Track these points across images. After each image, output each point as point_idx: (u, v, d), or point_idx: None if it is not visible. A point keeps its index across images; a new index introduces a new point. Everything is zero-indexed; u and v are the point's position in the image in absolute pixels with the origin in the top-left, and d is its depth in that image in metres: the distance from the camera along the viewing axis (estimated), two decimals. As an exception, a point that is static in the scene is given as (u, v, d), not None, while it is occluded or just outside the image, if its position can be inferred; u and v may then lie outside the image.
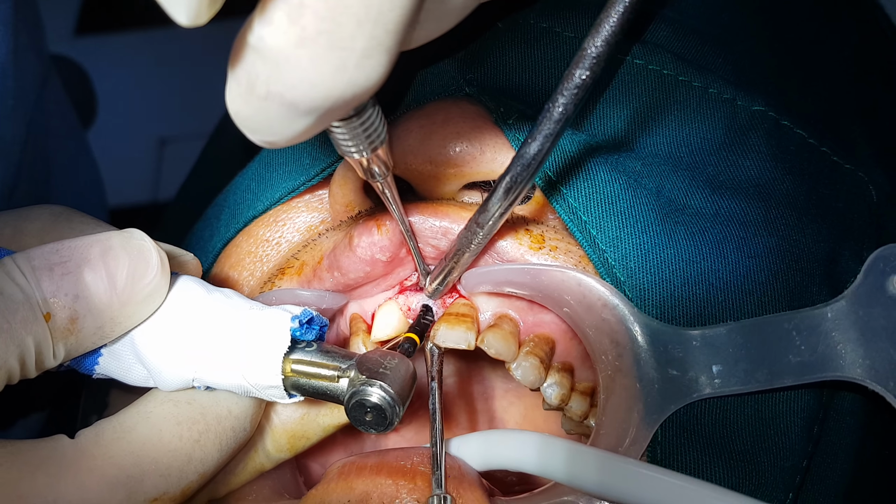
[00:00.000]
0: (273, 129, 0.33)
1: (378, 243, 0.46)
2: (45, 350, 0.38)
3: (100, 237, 0.40)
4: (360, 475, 0.44)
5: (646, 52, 0.50)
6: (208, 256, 0.56)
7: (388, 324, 0.49)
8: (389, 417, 0.40)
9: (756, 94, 0.50)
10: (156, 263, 0.40)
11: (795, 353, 0.42)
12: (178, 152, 1.95)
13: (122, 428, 0.40)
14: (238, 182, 0.57)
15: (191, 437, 0.40)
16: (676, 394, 0.43)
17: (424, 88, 0.51)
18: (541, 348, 0.48)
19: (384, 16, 0.29)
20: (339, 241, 0.48)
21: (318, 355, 0.41)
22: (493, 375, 0.61)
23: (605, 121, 0.49)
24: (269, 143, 0.34)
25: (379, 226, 0.46)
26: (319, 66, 0.29)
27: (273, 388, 0.41)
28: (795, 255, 0.46)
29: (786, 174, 0.49)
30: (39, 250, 0.39)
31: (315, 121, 0.32)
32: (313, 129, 0.33)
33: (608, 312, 0.44)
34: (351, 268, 0.47)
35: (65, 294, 0.38)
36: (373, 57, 0.30)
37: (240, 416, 0.43)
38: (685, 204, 0.46)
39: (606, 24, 0.35)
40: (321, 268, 0.49)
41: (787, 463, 0.44)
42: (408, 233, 0.45)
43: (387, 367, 0.41)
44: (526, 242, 0.47)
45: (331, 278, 0.48)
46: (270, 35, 0.29)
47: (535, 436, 0.44)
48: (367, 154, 0.38)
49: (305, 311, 0.42)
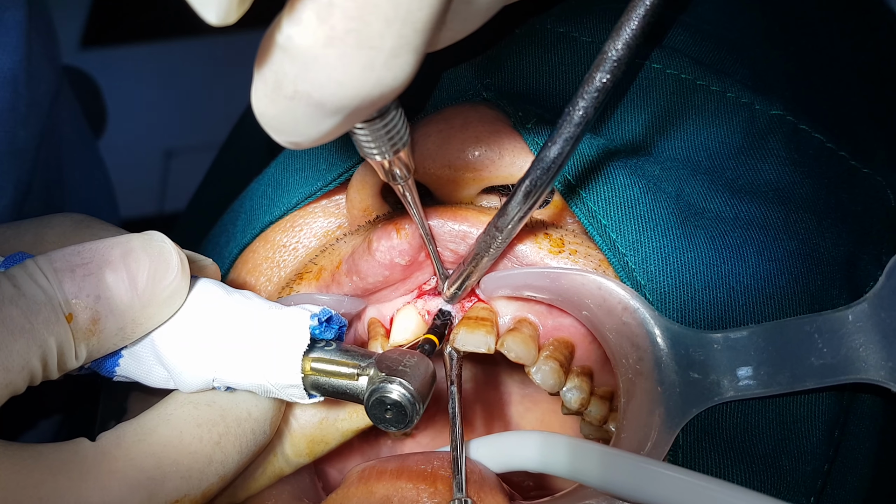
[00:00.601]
0: (299, 129, 0.33)
1: (397, 247, 0.46)
2: (68, 351, 0.38)
3: (120, 239, 0.40)
4: (380, 479, 0.44)
5: (663, 57, 0.51)
6: (225, 262, 0.56)
7: (407, 328, 0.49)
8: (410, 415, 0.40)
9: (773, 98, 0.50)
10: (176, 265, 0.40)
11: (818, 356, 0.42)
12: (184, 164, 1.96)
13: (142, 430, 0.40)
14: (254, 187, 0.57)
15: (211, 439, 0.40)
16: (698, 397, 0.43)
17: (442, 93, 0.51)
18: (560, 352, 0.48)
19: (413, 15, 0.29)
20: (357, 245, 0.48)
21: (337, 354, 0.41)
22: (509, 381, 0.61)
23: (624, 125, 0.49)
24: (293, 144, 0.34)
25: (398, 230, 0.46)
26: (348, 65, 0.29)
27: (293, 388, 0.41)
28: (815, 258, 0.46)
29: (804, 178, 0.49)
30: (61, 252, 0.39)
31: (341, 121, 0.32)
32: (339, 129, 0.33)
33: (629, 316, 0.44)
34: (370, 272, 0.47)
35: (86, 295, 0.38)
36: (401, 56, 0.30)
37: (259, 418, 0.43)
38: (704, 208, 0.46)
39: (627, 28, 0.35)
40: (339, 272, 0.49)
41: (809, 467, 0.44)
42: (427, 236, 0.45)
43: (406, 365, 0.41)
44: (545, 246, 0.47)
45: (349, 283, 0.48)
46: (299, 34, 0.29)
47: (559, 437, 0.44)
48: (389, 156, 0.38)
49: (324, 309, 0.42)
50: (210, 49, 2.16)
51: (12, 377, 0.36)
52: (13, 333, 0.36)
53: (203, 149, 1.95)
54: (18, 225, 0.45)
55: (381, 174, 0.41)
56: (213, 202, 0.69)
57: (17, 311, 0.36)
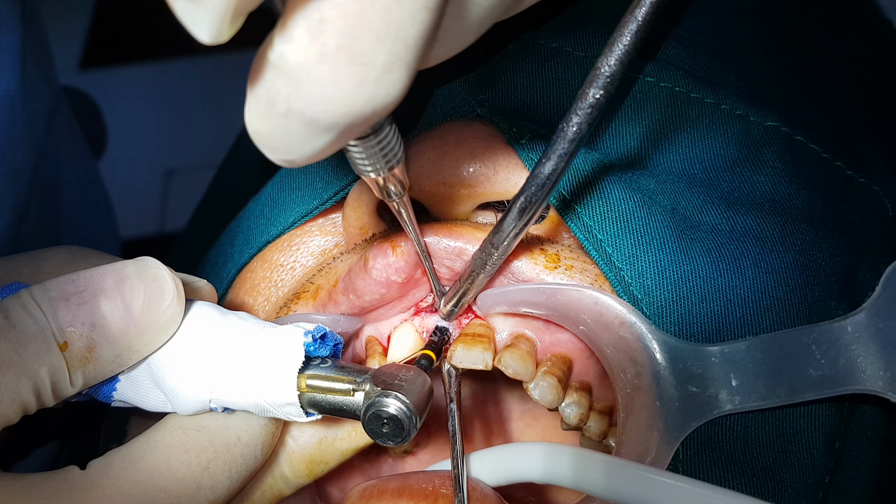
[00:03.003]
0: (293, 147, 0.33)
1: (393, 265, 0.46)
2: (62, 379, 0.38)
3: (115, 266, 0.40)
4: (381, 498, 0.44)
5: (657, 70, 0.51)
6: (223, 283, 0.56)
7: (405, 346, 0.49)
8: (407, 428, 0.39)
9: (769, 109, 0.50)
10: (171, 290, 0.40)
11: (816, 367, 0.42)
12: (184, 184, 1.96)
13: (130, 458, 0.40)
14: (252, 207, 0.57)
15: (199, 464, 0.40)
16: (697, 411, 0.43)
17: (436, 110, 0.51)
18: (558, 367, 0.48)
19: (404, 31, 0.29)
20: (354, 263, 0.48)
21: (333, 370, 0.41)
22: (509, 397, 0.60)
23: (618, 139, 0.49)
24: (287, 162, 0.34)
25: (394, 247, 0.46)
26: (340, 81, 0.30)
27: (289, 406, 0.41)
28: (813, 269, 0.46)
29: (801, 189, 0.48)
30: (56, 281, 0.39)
31: (335, 138, 0.32)
32: (333, 146, 0.33)
33: (626, 330, 0.44)
34: (366, 290, 0.47)
35: (81, 323, 0.38)
36: (392, 72, 0.30)
37: (249, 443, 0.42)
38: (701, 220, 0.46)
39: (619, 43, 0.35)
40: (336, 291, 0.49)
41: (810, 479, 0.44)
42: (423, 253, 0.45)
43: (402, 379, 0.40)
44: (541, 262, 0.46)
45: (346, 301, 0.48)
46: (291, 51, 0.29)
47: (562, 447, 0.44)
48: (383, 173, 0.38)
49: (319, 326, 0.42)
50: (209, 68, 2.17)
51: (2, 410, 0.36)
52: (1, 367, 0.36)
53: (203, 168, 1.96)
54: (17, 258, 0.45)
55: (376, 191, 0.41)
56: (211, 222, 0.69)
57: (6, 345, 0.36)
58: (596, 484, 0.42)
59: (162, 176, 1.95)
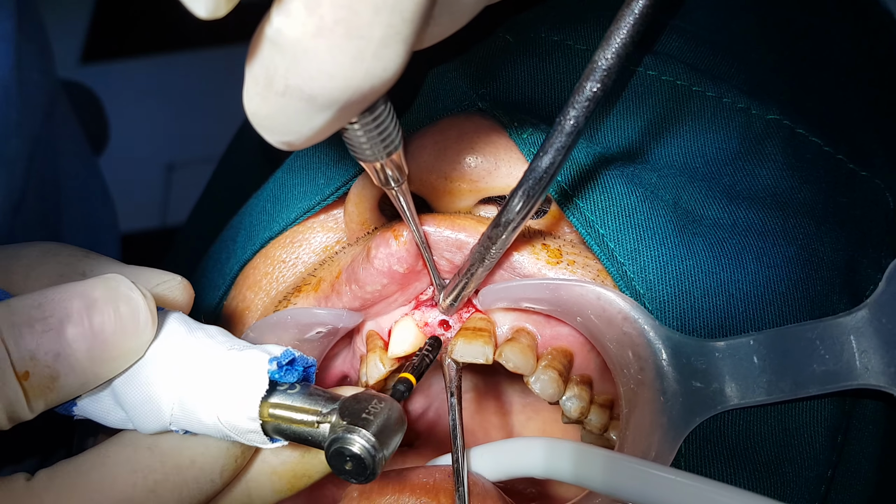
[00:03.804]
0: (291, 126, 0.33)
1: (395, 254, 0.46)
2: (19, 408, 0.36)
3: (84, 288, 0.37)
4: (382, 494, 0.44)
5: (658, 63, 0.50)
6: (226, 279, 0.56)
7: (405, 339, 0.49)
8: (370, 467, 0.37)
9: (770, 102, 0.50)
10: (144, 315, 0.38)
11: (819, 363, 0.42)
12: (186, 177, 1.96)
13: (77, 471, 0.38)
14: (253, 203, 0.57)
15: (145, 485, 0.38)
16: (701, 406, 0.42)
17: (437, 104, 0.51)
18: (559, 361, 0.48)
19: (401, 4, 0.29)
20: (357, 254, 0.48)
21: (299, 398, 0.39)
22: (510, 390, 0.60)
23: (620, 133, 0.49)
24: (286, 144, 0.34)
25: (396, 235, 0.46)
26: (337, 56, 0.29)
27: (252, 433, 0.39)
28: (815, 263, 0.46)
29: (803, 183, 0.48)
30: (21, 303, 0.36)
31: (333, 116, 0.32)
32: (331, 125, 0.33)
33: (629, 326, 0.43)
34: (368, 280, 0.47)
35: (45, 353, 0.36)
36: (390, 47, 0.30)
37: (205, 466, 0.40)
38: (702, 215, 0.46)
39: (617, 37, 0.35)
40: (339, 282, 0.48)
41: (812, 473, 0.44)
42: (422, 243, 0.45)
43: (371, 413, 0.38)
44: (543, 257, 0.46)
45: (349, 292, 0.48)
46: (288, 26, 0.29)
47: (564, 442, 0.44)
48: (382, 158, 0.38)
49: (287, 351, 0.40)
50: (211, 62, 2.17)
51: None
52: None
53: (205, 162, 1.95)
54: None
55: (375, 179, 0.41)
56: (212, 216, 0.69)
57: None
58: (596, 479, 0.42)
59: (163, 170, 1.95)
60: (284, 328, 0.48)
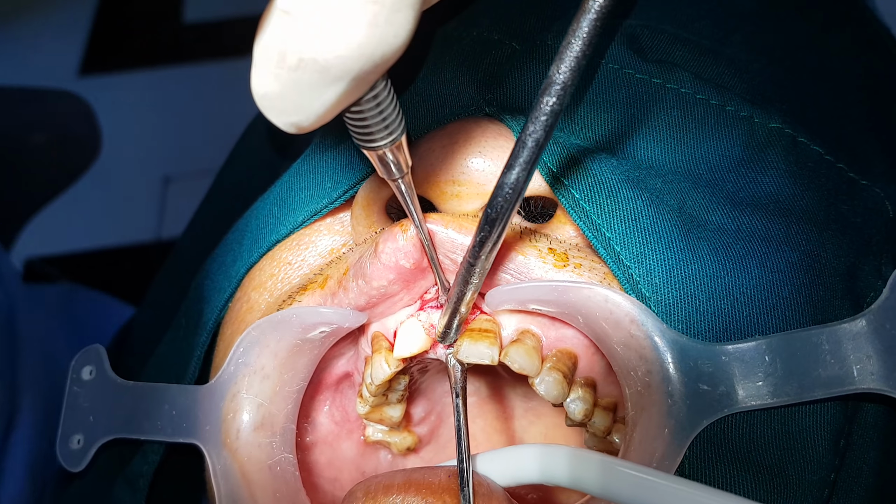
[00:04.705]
0: (303, 104, 0.33)
1: (402, 249, 0.46)
2: None
3: None
4: (388, 493, 0.44)
5: (663, 72, 0.51)
6: (232, 281, 0.56)
7: (411, 340, 0.49)
8: None
9: (772, 111, 0.51)
10: None
11: (825, 367, 0.42)
12: (182, 190, 1.97)
13: None
14: (259, 207, 0.57)
15: None
16: (707, 408, 0.43)
17: (444, 110, 0.51)
18: (564, 363, 0.48)
19: None
20: (364, 250, 0.48)
21: None
22: (512, 394, 0.60)
23: (625, 139, 0.50)
24: (296, 126, 0.35)
25: (403, 231, 0.46)
26: (352, 23, 0.30)
27: None
28: (817, 269, 0.46)
29: (805, 190, 0.49)
30: None
31: (346, 88, 0.33)
32: (342, 100, 0.34)
33: (636, 329, 0.44)
34: (375, 275, 0.47)
35: None
36: (401, 11, 0.31)
37: None
38: (707, 220, 0.47)
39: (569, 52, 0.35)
40: (346, 278, 0.48)
41: (815, 476, 0.44)
42: (426, 239, 0.45)
43: None
44: (550, 261, 0.47)
45: (355, 287, 0.48)
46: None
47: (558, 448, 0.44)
48: (387, 143, 0.39)
49: None
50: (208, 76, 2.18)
51: None
52: None
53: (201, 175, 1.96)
54: None
55: (379, 168, 0.41)
56: (211, 228, 0.69)
57: None
58: (592, 484, 0.42)
59: (160, 182, 1.95)
60: (288, 326, 0.49)
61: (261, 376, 0.49)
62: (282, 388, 0.50)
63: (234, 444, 0.49)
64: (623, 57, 0.51)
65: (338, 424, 0.57)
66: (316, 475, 0.55)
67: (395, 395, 0.54)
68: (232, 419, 0.49)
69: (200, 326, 0.57)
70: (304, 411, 0.54)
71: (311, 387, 0.54)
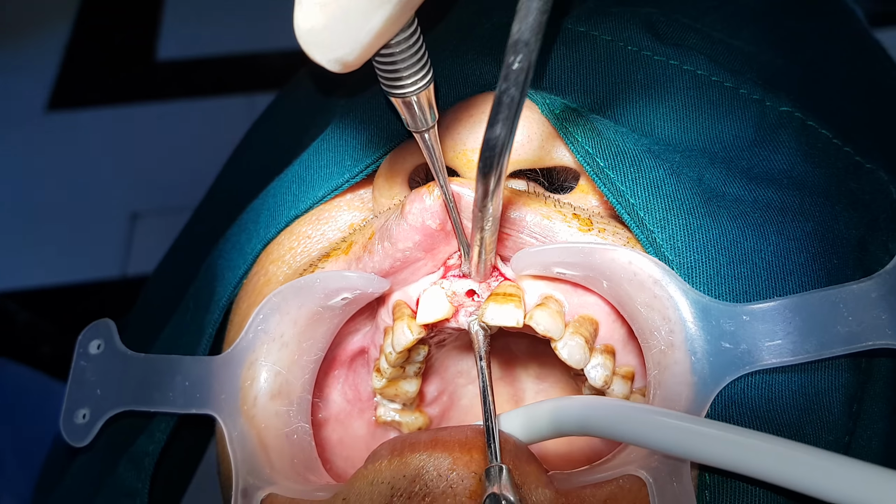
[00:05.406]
0: (350, 33, 0.33)
1: (430, 209, 0.47)
2: None
3: None
4: (414, 451, 0.44)
5: (680, 54, 0.53)
6: (247, 258, 0.56)
7: (434, 306, 0.50)
8: None
9: (781, 96, 0.53)
10: None
11: (843, 324, 0.44)
12: (149, 227, 1.96)
13: None
14: (277, 186, 0.58)
15: None
16: (730, 366, 0.44)
17: (467, 88, 0.53)
18: (586, 328, 0.49)
19: None
20: (390, 214, 0.49)
21: None
22: (524, 376, 0.61)
23: (644, 118, 0.51)
24: (341, 61, 0.35)
25: (430, 191, 0.47)
26: None
27: None
28: (830, 239, 0.48)
29: (816, 167, 0.51)
30: None
31: (392, 11, 0.33)
32: (388, 27, 0.34)
33: (660, 289, 0.45)
34: (401, 236, 0.47)
35: None
36: None
37: None
38: (725, 192, 0.48)
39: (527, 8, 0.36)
40: (372, 242, 0.49)
41: (831, 437, 0.45)
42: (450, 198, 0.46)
43: None
44: (575, 225, 0.48)
45: (381, 250, 0.48)
46: None
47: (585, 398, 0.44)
48: (418, 88, 0.40)
49: None
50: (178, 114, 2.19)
51: None
52: None
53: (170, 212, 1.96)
54: None
55: (407, 117, 0.42)
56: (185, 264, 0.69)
57: None
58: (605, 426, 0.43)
59: (127, 219, 1.94)
60: (310, 292, 0.49)
61: (279, 344, 0.49)
62: (300, 357, 0.50)
63: (251, 411, 0.49)
64: (641, 40, 0.53)
65: (350, 403, 0.57)
66: (329, 451, 0.55)
67: (412, 367, 0.55)
68: (249, 386, 0.49)
69: (213, 304, 0.57)
70: (317, 387, 0.53)
71: (325, 363, 0.54)
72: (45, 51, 2.34)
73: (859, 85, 0.62)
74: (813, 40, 0.61)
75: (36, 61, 2.31)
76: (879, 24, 2.08)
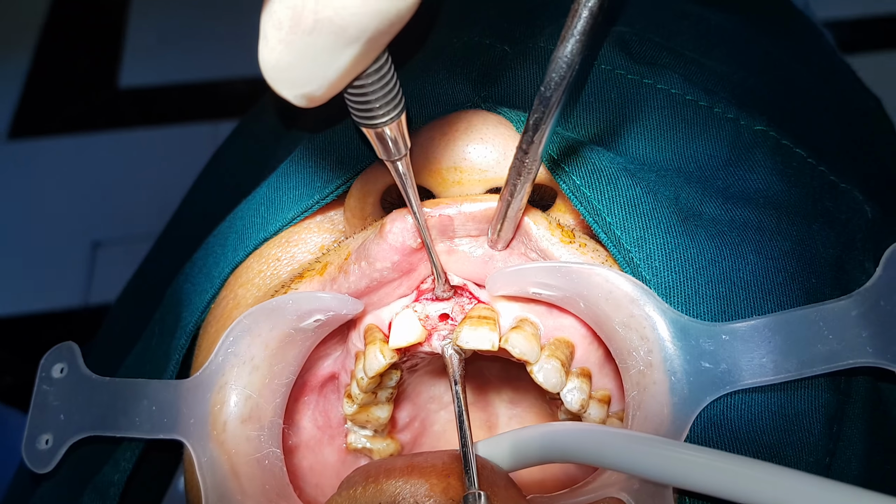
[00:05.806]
0: (316, 70, 0.33)
1: (410, 229, 0.46)
2: None
3: None
4: (389, 477, 0.42)
5: (654, 73, 0.53)
6: (214, 282, 0.55)
7: (407, 330, 0.49)
8: None
9: (756, 116, 0.53)
10: None
11: (824, 343, 0.43)
12: (111, 256, 1.93)
13: None
14: (245, 208, 0.56)
15: None
16: (710, 386, 0.43)
17: (438, 108, 0.52)
18: (561, 351, 0.48)
19: None
20: (367, 234, 0.48)
21: None
22: (497, 401, 0.60)
23: (619, 137, 0.51)
24: (307, 98, 0.34)
25: (411, 212, 0.46)
26: None
27: None
28: (808, 259, 0.47)
29: (792, 187, 0.51)
30: None
31: (361, 50, 0.33)
32: (355, 65, 0.33)
33: (637, 308, 0.44)
34: (380, 255, 0.46)
35: None
36: None
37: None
38: (701, 211, 0.48)
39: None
40: (348, 262, 0.48)
41: (812, 458, 0.44)
42: (423, 225, 0.45)
43: None
44: (558, 234, 0.47)
45: (357, 270, 0.47)
46: None
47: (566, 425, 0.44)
48: (389, 118, 0.39)
49: None
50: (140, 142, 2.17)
51: None
52: None
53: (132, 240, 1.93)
54: None
55: (378, 149, 0.41)
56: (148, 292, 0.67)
57: None
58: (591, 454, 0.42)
59: (89, 247, 1.91)
60: (282, 314, 0.48)
61: (250, 367, 0.48)
62: (271, 380, 0.49)
63: (220, 436, 0.47)
64: (615, 59, 0.53)
65: (320, 429, 0.56)
66: (299, 478, 0.54)
67: (384, 392, 0.53)
68: (219, 410, 0.47)
69: (180, 329, 0.55)
70: (287, 414, 0.52)
71: (296, 388, 0.52)
72: (6, 78, 2.31)
73: (831, 105, 0.62)
74: (785, 60, 0.61)
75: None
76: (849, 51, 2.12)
